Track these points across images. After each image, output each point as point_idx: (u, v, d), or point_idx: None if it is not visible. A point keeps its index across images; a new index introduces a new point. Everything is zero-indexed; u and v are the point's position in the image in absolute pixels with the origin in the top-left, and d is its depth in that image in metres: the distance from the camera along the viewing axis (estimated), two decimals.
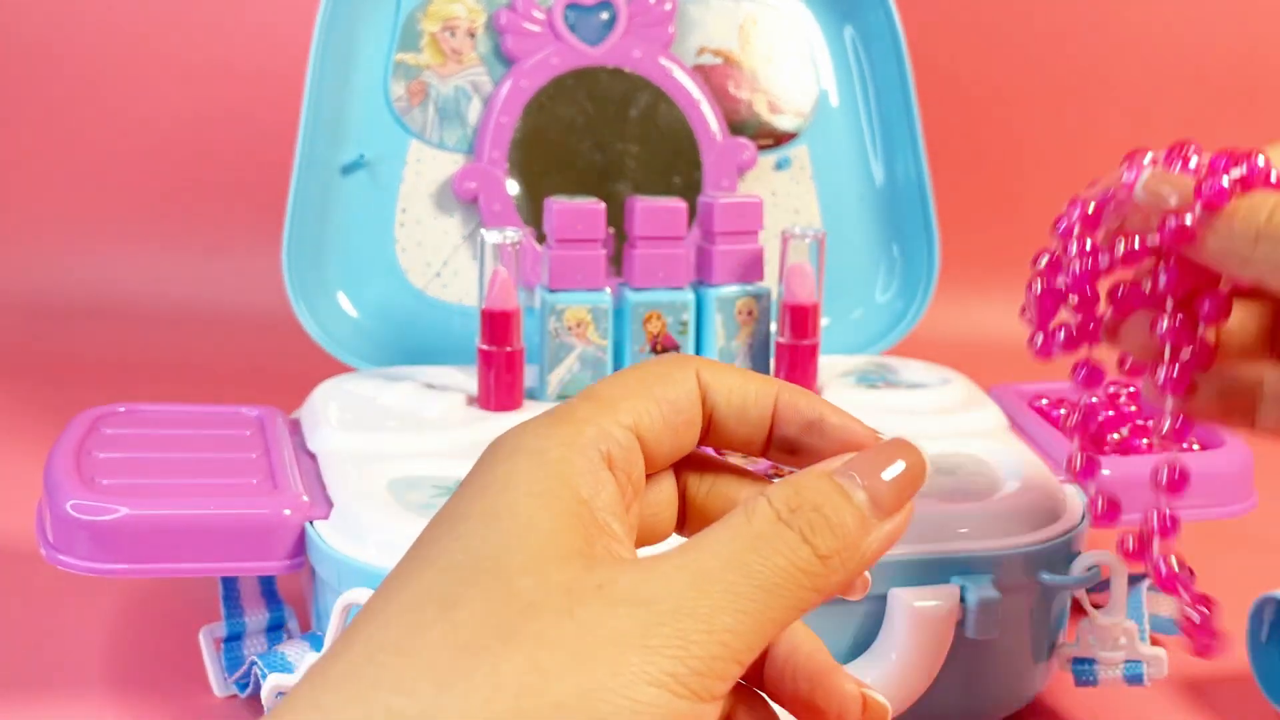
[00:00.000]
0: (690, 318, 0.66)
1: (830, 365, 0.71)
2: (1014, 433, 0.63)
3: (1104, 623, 0.55)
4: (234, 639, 0.57)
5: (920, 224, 0.76)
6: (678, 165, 0.75)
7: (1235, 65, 1.13)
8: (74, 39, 1.13)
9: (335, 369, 0.69)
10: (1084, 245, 0.40)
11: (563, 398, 0.64)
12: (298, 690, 0.27)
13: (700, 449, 0.35)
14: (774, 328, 0.67)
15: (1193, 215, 0.37)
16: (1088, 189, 0.41)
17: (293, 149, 0.69)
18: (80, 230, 1.13)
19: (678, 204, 0.66)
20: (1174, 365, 0.40)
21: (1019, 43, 1.12)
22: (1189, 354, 0.40)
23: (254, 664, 0.53)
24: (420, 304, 0.72)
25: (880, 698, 0.34)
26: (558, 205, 0.65)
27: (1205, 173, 0.38)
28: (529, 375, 0.66)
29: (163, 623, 0.63)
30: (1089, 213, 0.40)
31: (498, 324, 0.62)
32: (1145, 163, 0.40)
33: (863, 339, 0.76)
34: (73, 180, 1.14)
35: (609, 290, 0.65)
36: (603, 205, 0.65)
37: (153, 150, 1.14)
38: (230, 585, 0.57)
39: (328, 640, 0.49)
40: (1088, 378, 0.42)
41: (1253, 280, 0.38)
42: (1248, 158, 0.38)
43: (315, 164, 0.70)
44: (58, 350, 1.04)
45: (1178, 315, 0.39)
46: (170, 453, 0.58)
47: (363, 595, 0.48)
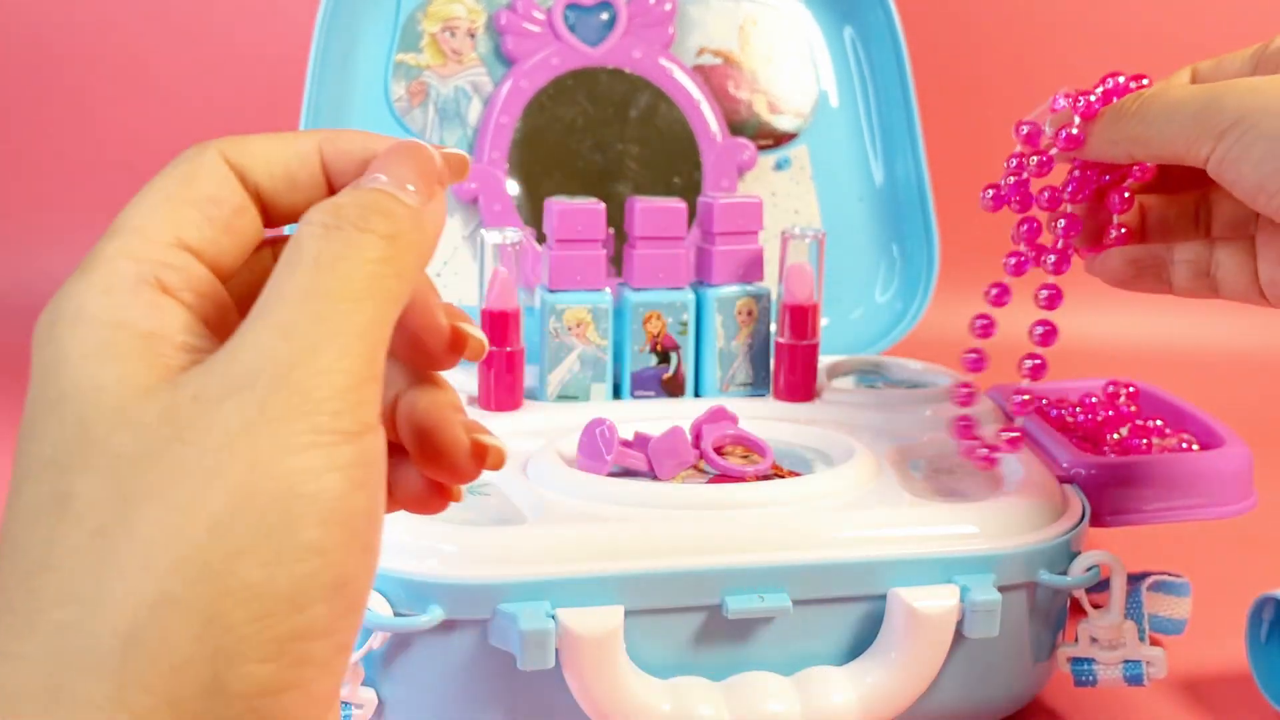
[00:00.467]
0: (690, 318, 0.66)
1: (830, 365, 0.71)
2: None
3: (1103, 623, 0.55)
4: None
5: (920, 224, 0.76)
6: (678, 165, 0.75)
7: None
8: (74, 40, 1.13)
9: None
10: (1016, 162, 0.55)
11: (563, 398, 0.65)
12: None
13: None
14: (774, 328, 0.67)
15: (1076, 127, 0.50)
16: (1024, 118, 0.54)
17: None
18: (81, 230, 1.13)
19: (678, 204, 0.66)
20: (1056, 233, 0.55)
21: (1019, 43, 1.12)
22: (1063, 224, 0.54)
23: None
24: None
25: (495, 441, 0.33)
26: (558, 205, 0.65)
27: (1081, 104, 0.51)
28: (529, 375, 0.66)
29: None
30: (1020, 136, 0.54)
31: (498, 324, 0.62)
32: (1060, 100, 0.52)
33: (862, 339, 0.76)
34: (73, 181, 1.14)
35: (609, 290, 0.65)
36: (603, 205, 0.65)
37: (153, 150, 1.14)
38: None
39: None
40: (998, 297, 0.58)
41: (1125, 157, 0.48)
42: (1112, 77, 0.50)
43: None
44: None
45: (1066, 201, 0.54)
46: None
47: None
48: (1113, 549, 0.55)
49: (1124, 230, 0.53)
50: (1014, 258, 0.56)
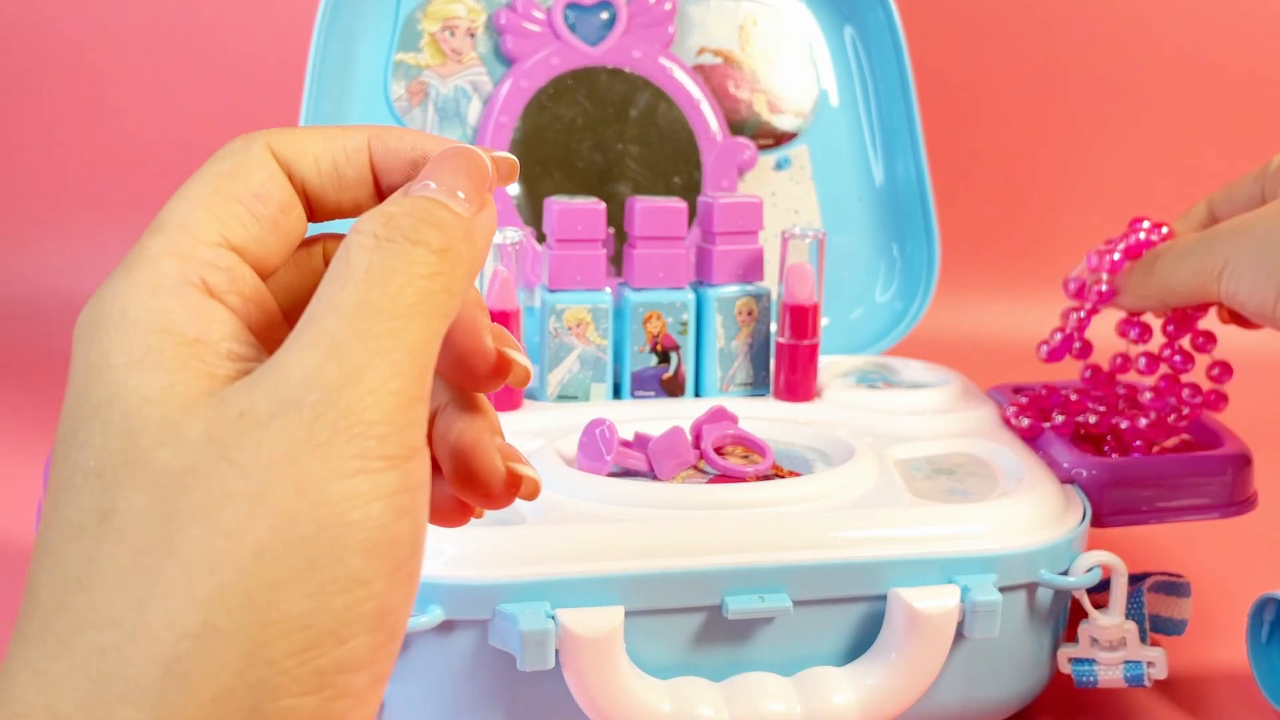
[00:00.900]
0: (690, 318, 0.66)
1: (830, 365, 0.71)
2: (1014, 433, 0.63)
3: (1104, 623, 0.55)
4: None
5: (920, 224, 0.75)
6: (678, 165, 0.75)
7: (1236, 66, 1.13)
8: (74, 40, 1.13)
9: None
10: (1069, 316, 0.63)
11: (563, 398, 0.64)
12: (8, 657, 0.25)
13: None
14: (774, 328, 0.67)
15: (1105, 284, 0.60)
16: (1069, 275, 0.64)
17: None
18: (82, 231, 1.13)
19: (678, 204, 0.66)
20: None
21: (1019, 43, 1.12)
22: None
23: None
24: None
25: (530, 472, 0.32)
26: (558, 205, 0.65)
27: (1107, 261, 0.60)
28: None
29: None
30: (1070, 292, 0.63)
31: (498, 324, 0.62)
32: (1093, 258, 0.62)
33: (863, 339, 0.76)
34: (74, 181, 1.14)
35: (609, 290, 0.65)
36: (603, 205, 0.65)
37: (153, 150, 1.14)
38: None
39: None
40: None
41: (1160, 305, 0.57)
42: (1134, 232, 0.60)
43: None
44: (61, 351, 1.04)
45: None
46: None
47: None
48: (1114, 549, 0.55)
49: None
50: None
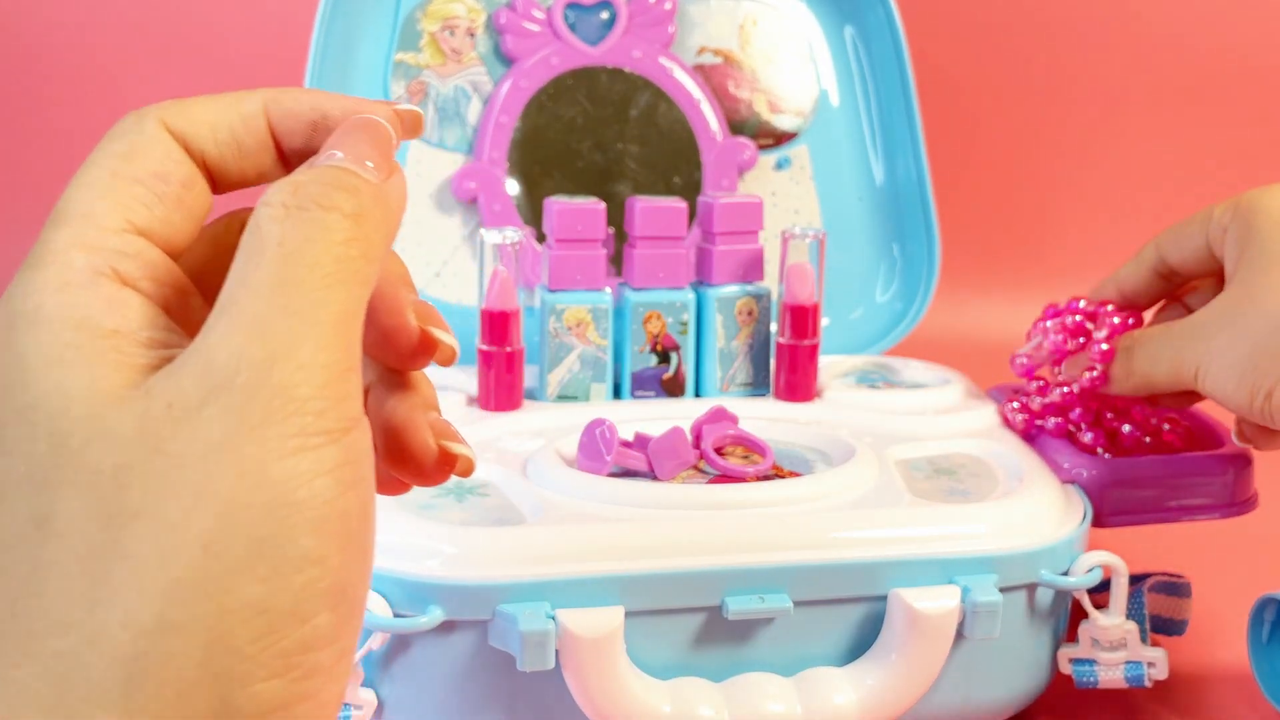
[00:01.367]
0: (690, 318, 0.66)
1: (830, 365, 0.71)
2: (1014, 433, 0.63)
3: (1105, 623, 0.55)
4: None
5: (920, 224, 0.75)
6: (678, 165, 0.75)
7: (1235, 66, 1.13)
8: (74, 40, 1.13)
9: None
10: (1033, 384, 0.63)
11: (563, 398, 0.64)
12: None
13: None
14: (774, 328, 0.67)
15: (1094, 375, 0.60)
16: (1022, 350, 0.64)
17: None
18: None
19: (678, 204, 0.66)
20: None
21: (1019, 42, 1.12)
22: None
23: None
24: None
25: (463, 450, 0.31)
26: (558, 205, 0.64)
27: (1096, 350, 0.60)
28: (529, 375, 0.66)
29: None
30: (1019, 370, 0.64)
31: (497, 324, 0.62)
32: (1050, 336, 0.62)
33: (863, 339, 0.76)
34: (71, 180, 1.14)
35: (609, 290, 0.65)
36: (603, 205, 0.65)
37: None
38: None
39: None
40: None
41: (1146, 390, 0.59)
42: (1103, 317, 0.61)
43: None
44: None
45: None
46: None
47: None
48: (1114, 550, 0.55)
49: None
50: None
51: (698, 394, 0.67)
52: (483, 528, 0.51)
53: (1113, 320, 0.60)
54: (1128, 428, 0.62)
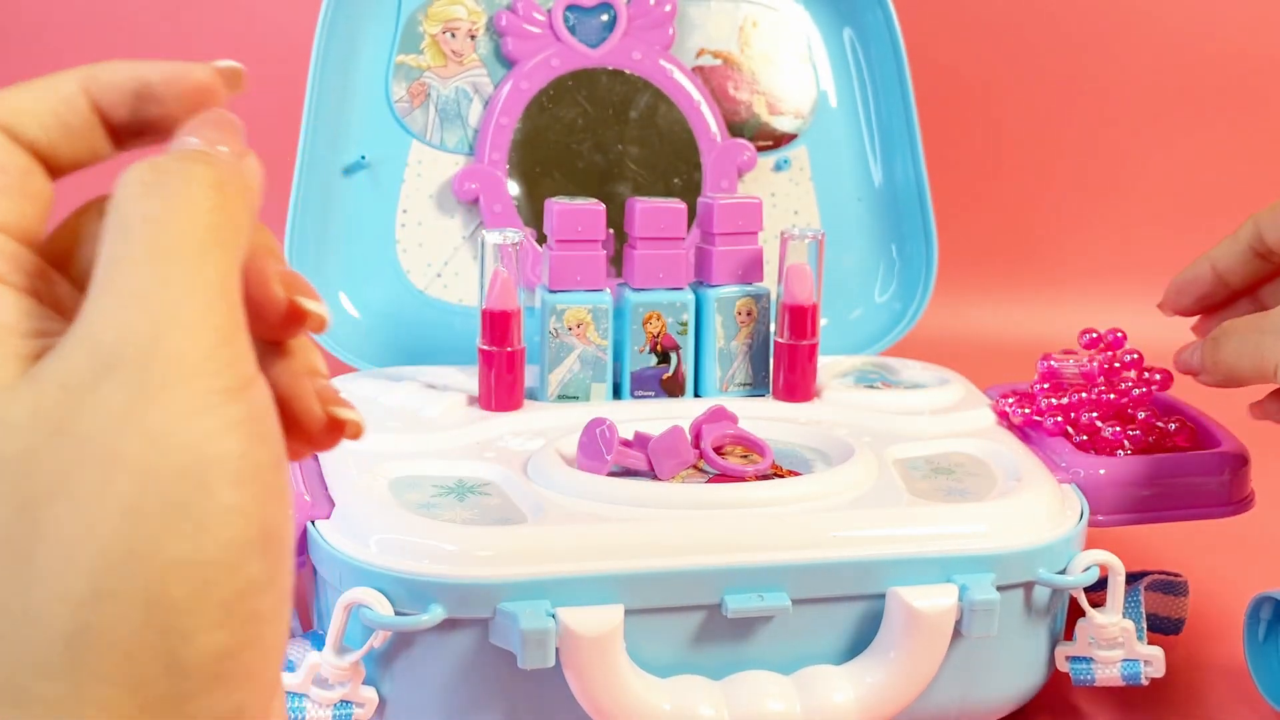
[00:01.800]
0: (690, 318, 0.66)
1: (829, 365, 0.71)
2: (1011, 432, 0.63)
3: (1102, 622, 0.55)
4: None
5: (919, 225, 0.76)
6: (677, 166, 0.75)
7: (1234, 66, 1.13)
8: (76, 39, 1.14)
9: (337, 369, 0.70)
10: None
11: (563, 398, 0.65)
12: None
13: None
14: (773, 328, 0.67)
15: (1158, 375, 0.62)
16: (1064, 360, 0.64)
17: (294, 150, 0.70)
18: None
19: (677, 205, 0.66)
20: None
21: (1018, 44, 1.13)
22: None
23: None
24: (421, 304, 0.73)
25: (351, 415, 0.31)
26: (558, 206, 0.65)
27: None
28: (529, 375, 0.66)
29: None
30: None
31: (498, 324, 0.62)
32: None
33: (861, 339, 0.76)
34: (78, 182, 1.14)
35: (609, 291, 0.65)
36: (603, 206, 0.65)
37: (154, 151, 1.14)
38: None
39: (329, 638, 0.49)
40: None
41: (1230, 382, 0.56)
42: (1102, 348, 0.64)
43: (316, 165, 0.71)
44: None
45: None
46: None
47: (364, 594, 0.49)
48: (1111, 548, 0.55)
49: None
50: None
51: (697, 394, 0.67)
52: (483, 526, 0.52)
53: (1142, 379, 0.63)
54: (1135, 431, 0.62)
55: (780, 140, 0.77)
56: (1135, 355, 0.63)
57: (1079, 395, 0.63)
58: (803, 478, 0.56)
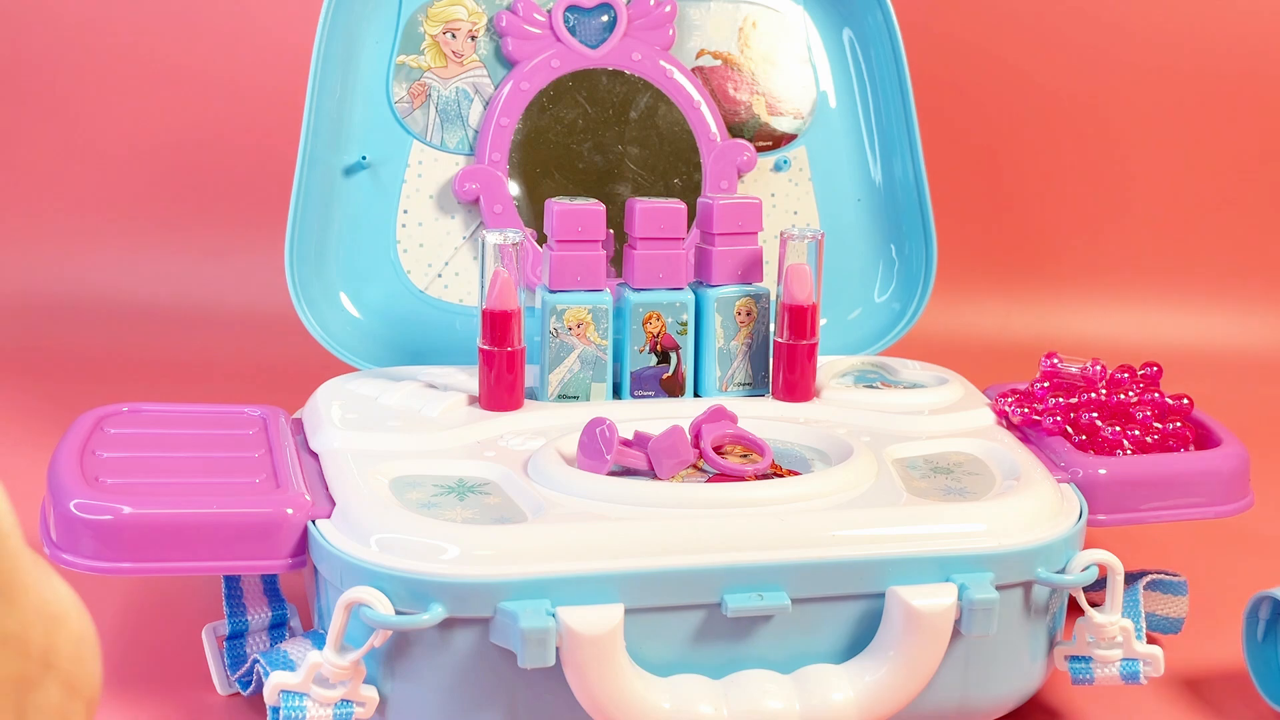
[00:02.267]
0: (690, 318, 0.66)
1: (829, 365, 0.71)
2: (1010, 432, 0.63)
3: (1101, 621, 0.55)
4: (237, 637, 0.57)
5: (918, 225, 0.76)
6: (677, 167, 0.75)
7: (1231, 67, 1.13)
8: (78, 40, 1.14)
9: (337, 369, 0.70)
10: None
11: (563, 398, 0.65)
12: None
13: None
14: (773, 328, 0.67)
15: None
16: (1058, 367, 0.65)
17: (295, 150, 0.70)
18: (84, 232, 1.14)
19: (677, 205, 0.66)
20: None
21: (1016, 45, 1.13)
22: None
23: (256, 662, 0.54)
24: (422, 304, 0.73)
25: None
26: (558, 206, 0.65)
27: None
28: (529, 375, 0.66)
29: (165, 621, 0.63)
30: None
31: (498, 324, 0.62)
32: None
33: (861, 339, 0.76)
34: (77, 182, 1.14)
35: (609, 291, 0.66)
36: (603, 207, 0.65)
37: (156, 152, 1.14)
38: (233, 583, 0.57)
39: (330, 637, 0.49)
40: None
41: None
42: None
43: (317, 166, 0.71)
44: (62, 350, 1.04)
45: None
46: (173, 452, 0.59)
47: (365, 593, 0.49)
48: (1110, 548, 0.55)
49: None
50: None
51: (697, 393, 0.67)
52: (484, 526, 0.52)
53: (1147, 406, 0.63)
54: (1135, 430, 0.62)
55: (780, 140, 0.77)
56: (1154, 368, 0.63)
57: (1079, 396, 0.63)
58: (802, 477, 0.56)
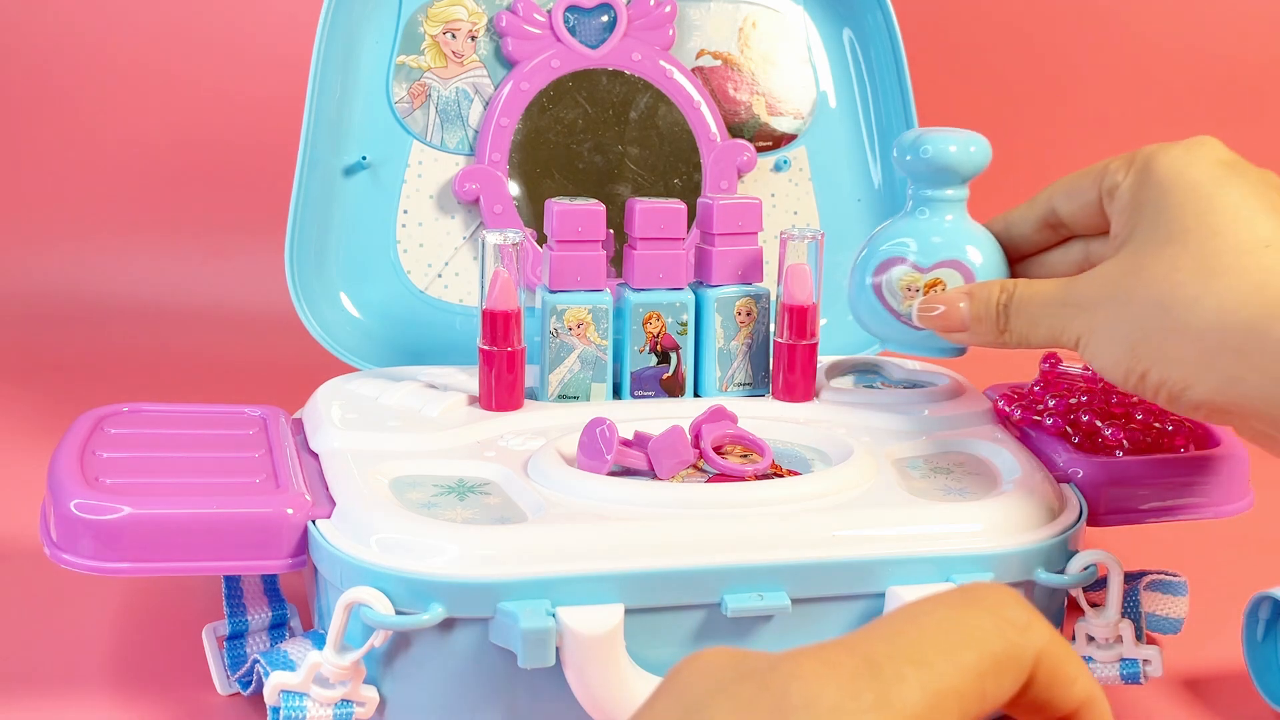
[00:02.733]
0: (690, 318, 0.66)
1: (829, 365, 0.71)
2: (1010, 432, 0.63)
3: (1100, 621, 0.55)
4: (237, 637, 0.57)
5: None
6: (677, 167, 0.75)
7: (1229, 68, 1.13)
8: (79, 40, 1.14)
9: (338, 369, 0.70)
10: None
11: (563, 398, 0.65)
12: None
13: None
14: (773, 328, 0.67)
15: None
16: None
17: (295, 151, 0.70)
18: (84, 231, 1.14)
19: (677, 205, 0.66)
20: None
21: (1016, 45, 1.13)
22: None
23: (256, 662, 0.54)
24: (422, 304, 0.73)
25: None
26: (558, 206, 0.65)
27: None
28: (529, 375, 0.66)
29: (166, 621, 0.63)
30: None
31: (499, 324, 0.62)
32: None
33: (861, 339, 0.76)
34: (77, 182, 1.15)
35: (609, 291, 0.66)
36: (603, 207, 0.65)
37: (157, 152, 1.14)
38: (233, 584, 0.57)
39: (330, 637, 0.49)
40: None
41: (1016, 345, 0.57)
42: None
43: (318, 166, 0.71)
44: (62, 350, 1.04)
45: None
46: (174, 452, 0.59)
47: (364, 593, 0.49)
48: (1110, 548, 0.55)
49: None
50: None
51: (697, 394, 0.67)
52: (484, 526, 0.52)
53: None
54: (1134, 430, 0.62)
55: (780, 141, 0.77)
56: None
57: (1079, 396, 0.63)
58: (802, 477, 0.56)
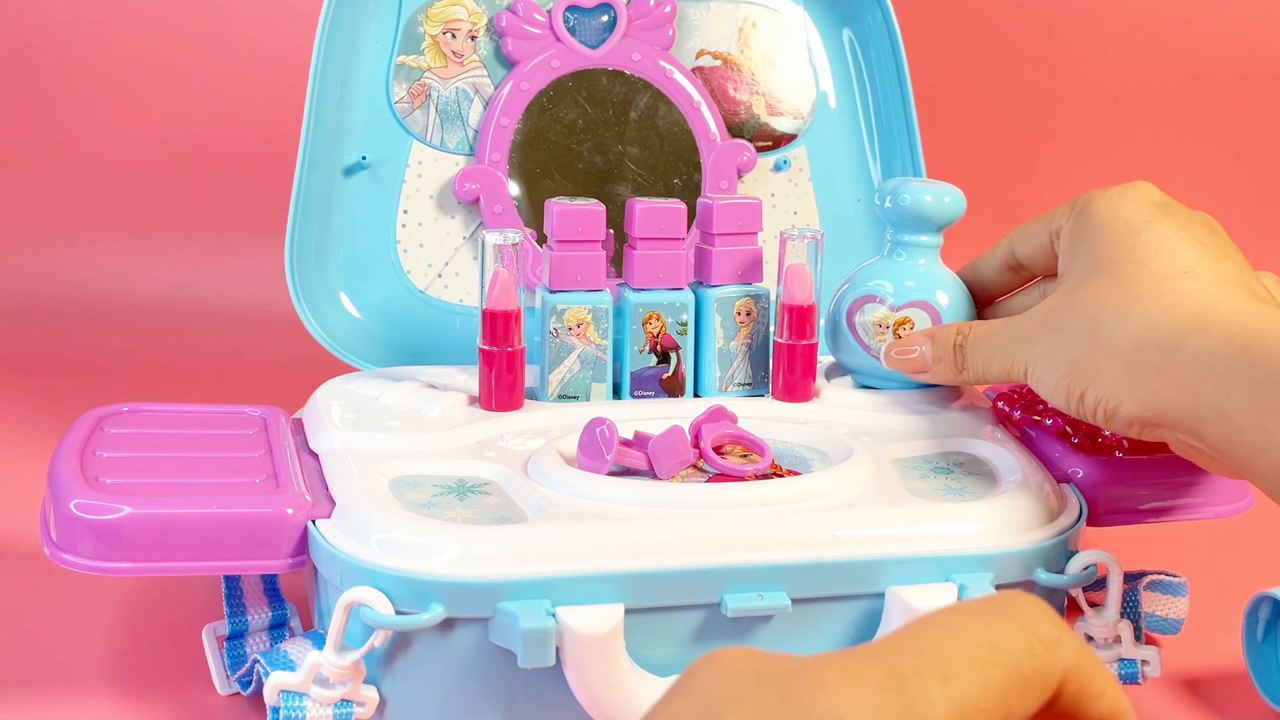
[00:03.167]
0: (690, 318, 0.66)
1: (829, 365, 0.71)
2: (1009, 432, 0.63)
3: (1100, 621, 0.55)
4: (237, 637, 0.57)
5: None
6: (677, 167, 0.75)
7: (1231, 70, 1.13)
8: (78, 40, 1.14)
9: (337, 369, 0.70)
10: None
11: (563, 398, 0.65)
12: None
13: None
14: (773, 328, 0.67)
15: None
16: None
17: (295, 151, 0.70)
18: (84, 232, 1.14)
19: (677, 205, 0.66)
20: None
21: (1016, 45, 1.13)
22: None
23: (256, 662, 0.54)
24: (422, 304, 0.73)
25: None
26: (558, 207, 0.65)
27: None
28: (529, 375, 0.66)
29: (166, 621, 0.63)
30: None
31: (498, 324, 0.63)
32: None
33: None
34: (77, 182, 1.15)
35: (609, 291, 0.66)
36: (603, 207, 0.65)
37: (157, 152, 1.14)
38: (233, 584, 0.57)
39: (330, 637, 0.49)
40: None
41: (975, 382, 0.61)
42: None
43: (317, 166, 0.71)
44: (62, 350, 1.04)
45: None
46: (174, 452, 0.59)
47: (364, 593, 0.49)
48: (1109, 548, 0.55)
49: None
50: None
51: (697, 394, 0.67)
52: (484, 526, 0.52)
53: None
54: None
55: (780, 141, 0.77)
56: None
57: None
58: (802, 477, 0.56)
